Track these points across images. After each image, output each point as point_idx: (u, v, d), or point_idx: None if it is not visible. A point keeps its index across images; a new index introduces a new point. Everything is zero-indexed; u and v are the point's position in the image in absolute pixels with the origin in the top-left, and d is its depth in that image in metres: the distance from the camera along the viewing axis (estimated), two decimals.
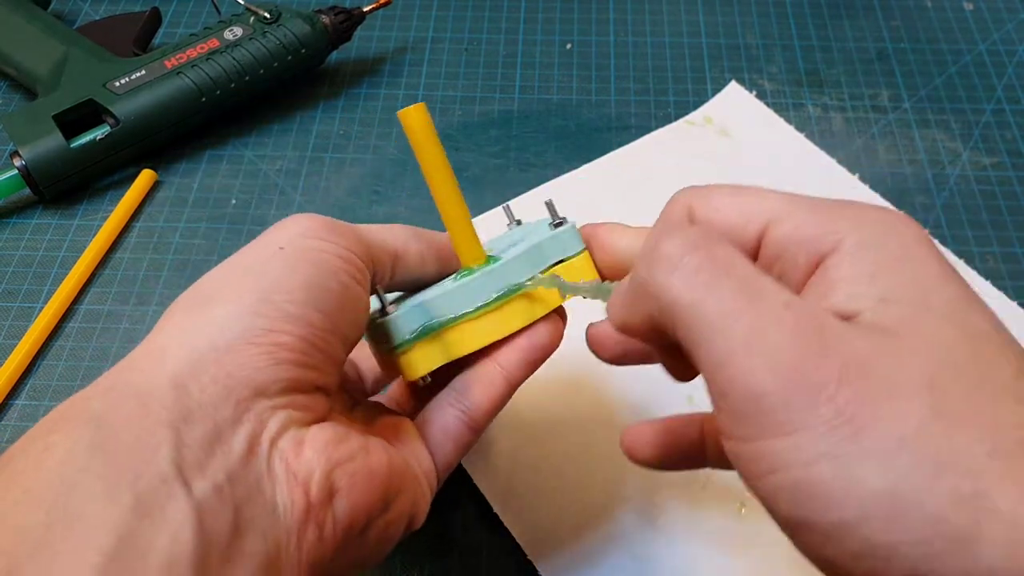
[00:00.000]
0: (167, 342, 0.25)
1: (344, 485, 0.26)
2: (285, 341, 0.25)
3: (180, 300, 0.27)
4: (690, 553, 0.38)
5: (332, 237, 0.28)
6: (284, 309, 0.26)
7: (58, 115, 0.49)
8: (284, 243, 0.27)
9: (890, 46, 0.60)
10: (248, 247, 0.28)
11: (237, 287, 0.26)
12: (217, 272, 0.27)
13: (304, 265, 0.27)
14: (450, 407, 0.31)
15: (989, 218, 0.50)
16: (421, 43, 0.60)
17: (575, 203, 0.51)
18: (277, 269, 0.27)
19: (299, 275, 0.27)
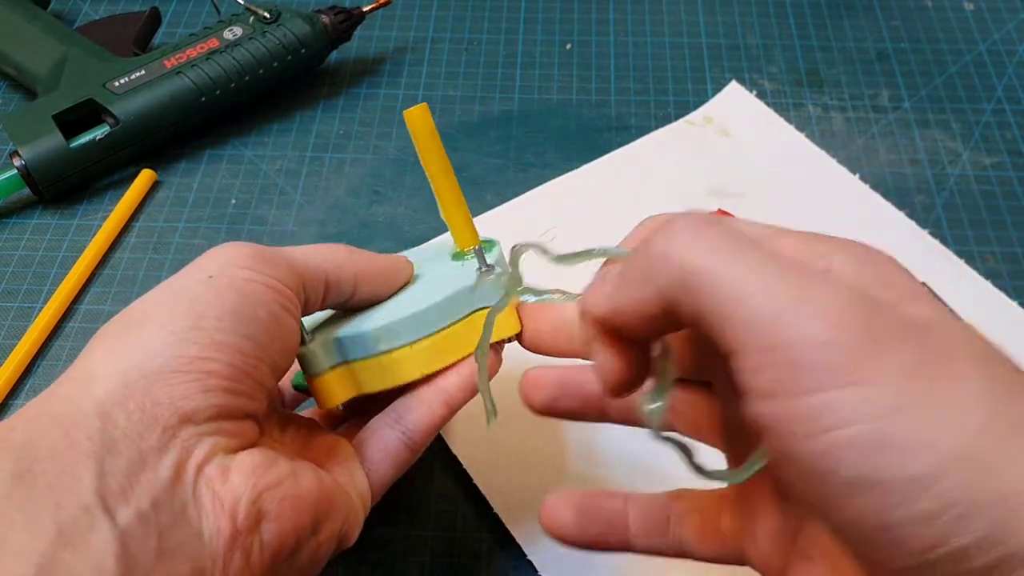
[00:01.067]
0: (95, 367, 0.25)
1: (272, 510, 0.26)
2: (214, 368, 0.26)
3: (109, 325, 0.27)
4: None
5: (261, 267, 0.28)
6: (213, 336, 0.26)
7: (58, 115, 0.49)
8: (213, 271, 0.28)
9: (890, 46, 0.60)
10: (177, 275, 0.28)
11: (166, 312, 0.26)
12: (147, 298, 0.28)
13: (232, 294, 0.27)
14: (389, 428, 0.32)
15: (989, 218, 0.50)
16: (421, 43, 0.60)
17: (575, 203, 0.51)
18: (207, 296, 0.27)
19: (228, 303, 0.27)
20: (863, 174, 0.52)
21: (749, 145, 0.53)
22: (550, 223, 0.50)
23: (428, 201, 0.51)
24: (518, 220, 0.49)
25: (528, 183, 0.52)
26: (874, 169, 0.52)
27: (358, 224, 0.50)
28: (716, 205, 0.50)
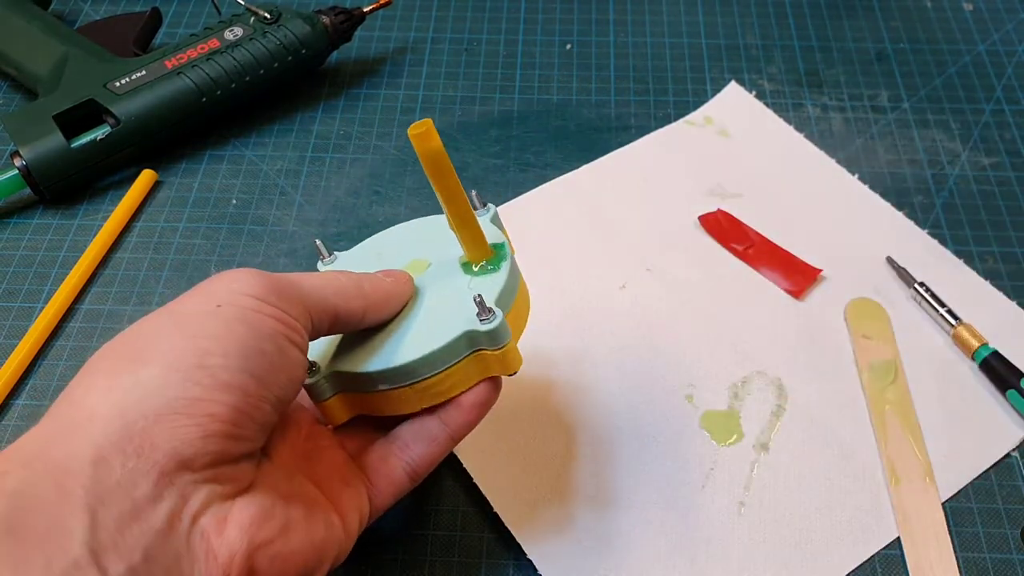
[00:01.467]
0: (95, 405, 0.24)
1: (264, 568, 0.26)
2: (216, 411, 0.25)
3: (108, 351, 0.26)
4: (689, 553, 0.38)
5: (272, 299, 0.27)
6: (218, 376, 0.25)
7: (58, 115, 0.49)
8: (223, 300, 0.27)
9: (889, 46, 0.60)
10: (185, 298, 0.27)
11: (170, 345, 0.25)
12: (150, 324, 0.27)
13: (240, 327, 0.26)
14: (395, 458, 0.33)
15: (988, 218, 0.50)
16: (421, 43, 0.60)
17: (575, 203, 0.51)
18: (213, 328, 0.26)
19: (235, 337, 0.26)
20: (862, 174, 0.52)
21: (748, 145, 0.53)
22: (550, 223, 0.50)
23: (428, 201, 0.51)
24: (518, 220, 0.49)
25: (528, 183, 0.52)
26: (873, 169, 0.52)
27: (358, 224, 0.50)
28: (716, 205, 0.50)
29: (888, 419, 0.41)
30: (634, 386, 0.43)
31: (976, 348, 0.43)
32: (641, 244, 0.49)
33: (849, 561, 0.38)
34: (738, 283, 0.47)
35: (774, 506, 0.39)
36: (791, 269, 0.47)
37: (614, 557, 0.38)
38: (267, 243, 0.49)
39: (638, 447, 0.41)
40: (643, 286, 0.47)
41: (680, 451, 0.41)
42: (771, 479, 0.40)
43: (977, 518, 0.39)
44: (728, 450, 0.41)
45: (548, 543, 0.38)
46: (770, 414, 0.42)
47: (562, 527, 0.38)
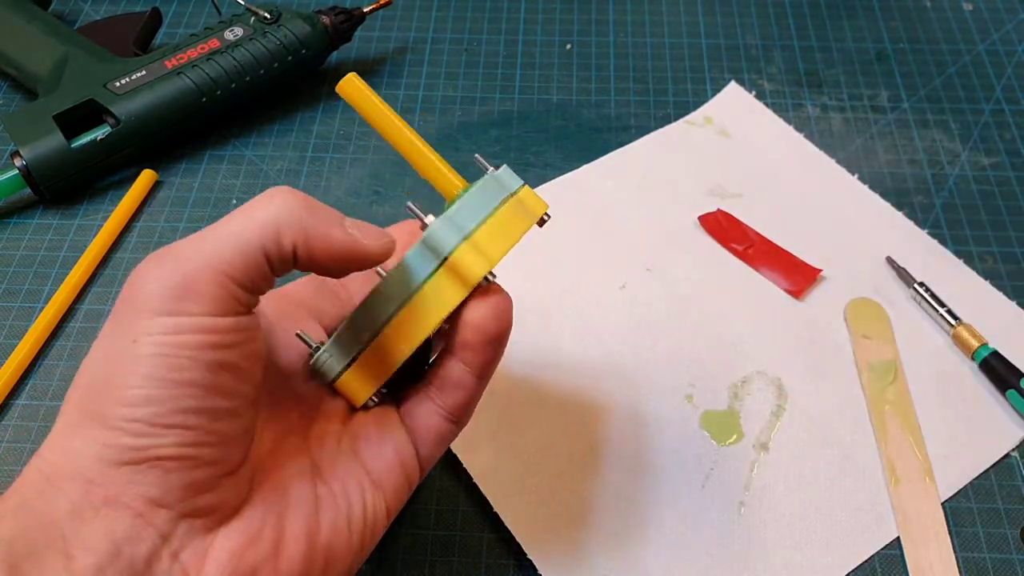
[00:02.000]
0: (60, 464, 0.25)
1: None
2: (165, 452, 0.25)
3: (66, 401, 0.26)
4: (689, 553, 0.38)
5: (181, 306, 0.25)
6: (152, 422, 0.25)
7: (58, 115, 0.49)
8: (138, 333, 0.25)
9: (889, 46, 0.60)
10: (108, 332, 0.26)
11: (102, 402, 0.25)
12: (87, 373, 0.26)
13: (158, 363, 0.25)
14: (431, 403, 0.31)
15: (988, 218, 0.50)
16: (421, 43, 0.60)
17: (575, 203, 0.51)
18: (133, 377, 0.25)
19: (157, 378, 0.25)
20: (862, 174, 0.52)
21: (748, 145, 0.53)
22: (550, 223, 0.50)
23: (428, 201, 0.51)
24: None
25: (528, 183, 0.51)
26: (873, 169, 0.52)
27: None
28: (715, 205, 0.50)
29: (888, 419, 0.42)
30: (634, 386, 0.43)
31: (976, 348, 0.43)
32: (641, 244, 0.49)
33: (849, 561, 0.38)
34: (738, 283, 0.47)
35: (774, 506, 0.39)
36: (791, 269, 0.47)
37: (614, 557, 0.38)
38: None
39: (638, 447, 0.41)
40: (643, 286, 0.47)
41: (680, 451, 0.41)
42: (771, 479, 0.40)
43: (977, 518, 0.39)
44: (728, 450, 0.41)
45: (548, 543, 0.38)
46: (770, 414, 0.42)
47: (562, 527, 0.38)
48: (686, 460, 0.41)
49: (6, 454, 0.41)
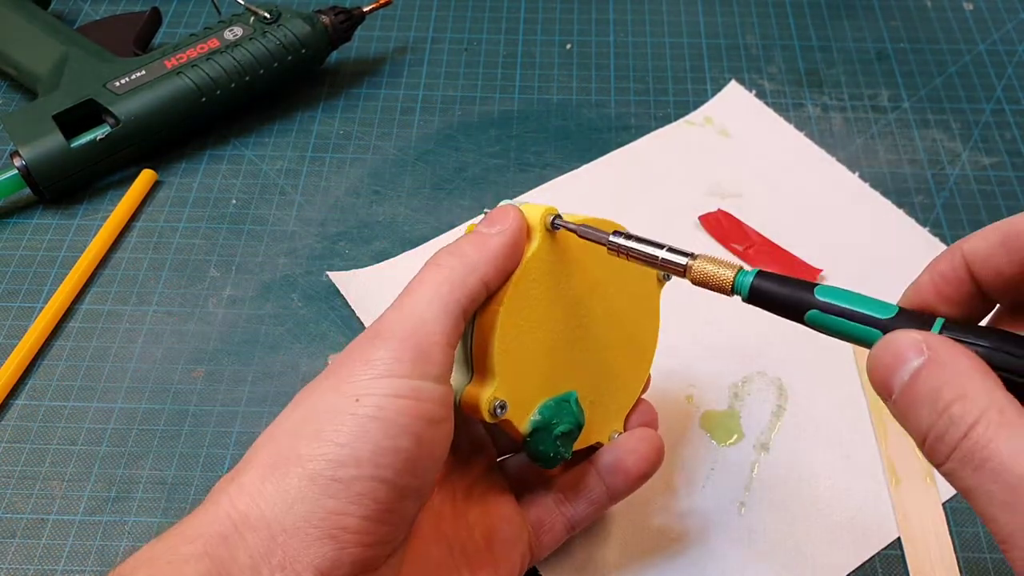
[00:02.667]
0: (248, 511, 0.26)
1: None
2: (349, 524, 0.26)
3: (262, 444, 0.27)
4: (689, 553, 0.38)
5: (405, 370, 0.27)
6: (352, 487, 0.26)
7: (58, 115, 0.49)
8: (360, 391, 0.27)
9: (890, 46, 0.60)
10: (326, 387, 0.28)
11: (310, 451, 0.26)
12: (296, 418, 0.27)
13: (375, 425, 0.26)
14: (558, 513, 0.34)
15: (988, 218, 0.50)
16: (421, 43, 0.60)
17: (575, 203, 0.51)
18: (347, 433, 0.26)
19: (369, 439, 0.26)
20: (862, 174, 0.52)
21: (749, 145, 0.53)
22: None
23: (429, 201, 0.51)
24: None
25: (528, 183, 0.52)
26: (873, 169, 0.52)
27: (358, 224, 0.50)
28: (716, 205, 0.50)
29: (888, 419, 0.41)
30: None
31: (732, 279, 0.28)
32: None
33: (849, 561, 0.38)
34: None
35: (774, 506, 0.39)
36: (791, 269, 0.47)
37: (614, 557, 0.38)
38: (267, 243, 0.49)
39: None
40: None
41: (680, 451, 0.41)
42: (771, 479, 0.40)
43: (977, 518, 0.39)
44: (728, 450, 0.41)
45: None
46: (770, 414, 0.42)
47: None
48: (686, 460, 0.41)
49: (6, 454, 0.41)
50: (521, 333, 0.31)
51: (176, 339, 0.45)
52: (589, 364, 0.34)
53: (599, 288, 0.34)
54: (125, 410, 0.43)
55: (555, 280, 0.32)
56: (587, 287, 0.33)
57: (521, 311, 0.30)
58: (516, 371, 0.31)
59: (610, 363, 0.35)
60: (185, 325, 0.46)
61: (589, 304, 0.33)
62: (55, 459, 0.41)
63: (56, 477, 0.40)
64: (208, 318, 0.46)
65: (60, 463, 0.41)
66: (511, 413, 0.31)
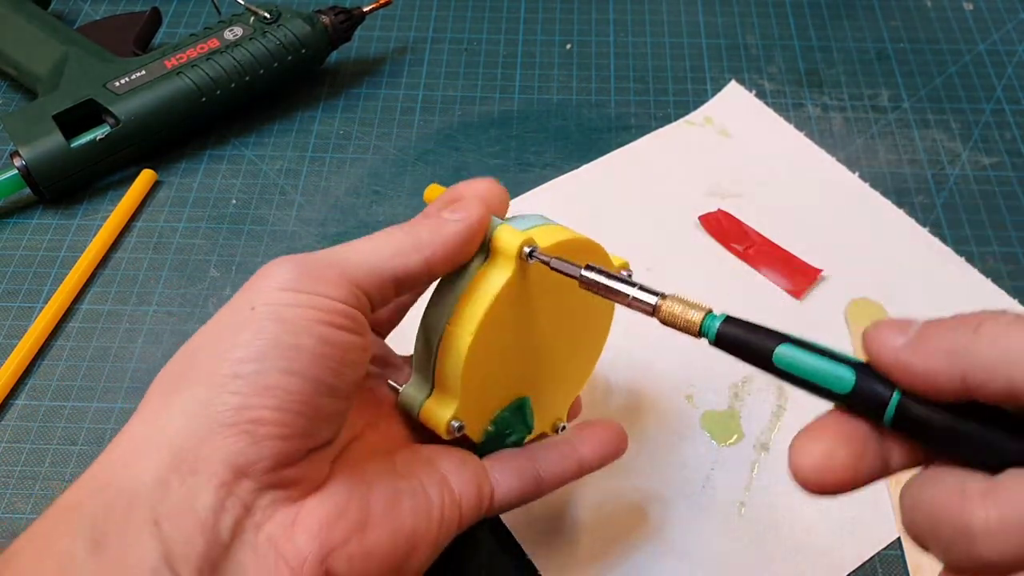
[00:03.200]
0: (150, 434, 0.25)
1: (342, 570, 0.26)
2: (261, 415, 0.25)
3: (159, 380, 0.27)
4: (689, 553, 0.38)
5: (305, 285, 0.27)
6: (256, 382, 0.25)
7: (58, 115, 0.49)
8: (256, 301, 0.26)
9: (890, 46, 0.60)
10: (225, 308, 0.28)
11: (208, 362, 0.26)
12: (194, 343, 0.27)
13: (272, 325, 0.26)
14: (524, 459, 0.32)
15: (988, 218, 0.50)
16: (421, 43, 0.60)
17: (575, 203, 0.51)
18: (247, 335, 0.26)
19: (268, 338, 0.26)
20: (862, 174, 0.52)
21: (749, 145, 0.53)
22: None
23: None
24: None
25: (528, 183, 0.52)
26: (873, 169, 0.52)
27: (358, 224, 0.50)
28: (716, 205, 0.50)
29: None
30: (634, 386, 0.43)
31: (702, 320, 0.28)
32: (641, 244, 0.49)
33: (849, 561, 0.38)
34: (738, 283, 0.47)
35: (774, 506, 0.39)
36: (791, 269, 0.47)
37: (614, 557, 0.38)
38: (267, 243, 0.49)
39: (638, 447, 0.41)
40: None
41: (680, 451, 0.41)
42: (771, 479, 0.40)
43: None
44: (728, 450, 0.41)
45: (548, 543, 0.38)
46: (770, 414, 0.42)
47: (562, 527, 0.38)
48: (686, 460, 0.41)
49: (6, 454, 0.41)
50: (487, 356, 0.31)
51: (176, 339, 0.45)
52: (543, 369, 0.35)
53: (563, 304, 0.34)
54: (125, 410, 0.43)
55: (523, 305, 0.32)
56: (552, 306, 0.34)
57: (490, 337, 0.31)
58: (477, 391, 0.31)
59: (563, 365, 0.36)
60: (185, 325, 0.46)
61: (551, 319, 0.34)
62: (55, 459, 0.41)
63: (56, 477, 0.40)
64: (208, 318, 0.46)
65: (60, 463, 0.41)
66: (468, 428, 0.32)
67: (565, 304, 0.34)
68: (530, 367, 0.34)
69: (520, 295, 0.31)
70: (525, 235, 0.31)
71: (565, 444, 0.33)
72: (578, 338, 0.37)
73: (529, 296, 0.32)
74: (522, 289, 0.31)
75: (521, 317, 0.32)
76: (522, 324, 0.32)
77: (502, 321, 0.31)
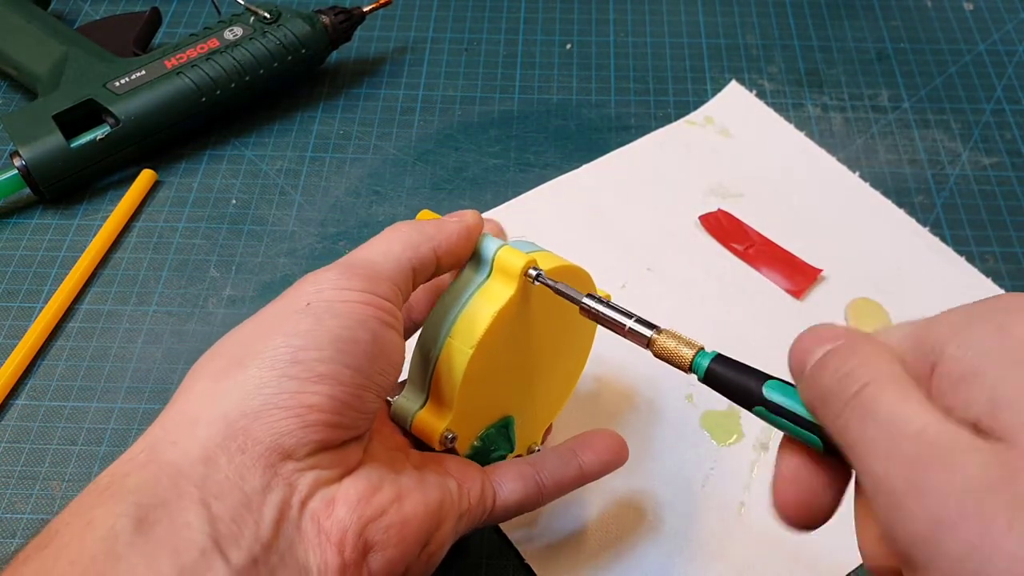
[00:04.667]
0: (199, 411, 0.26)
1: (379, 540, 0.26)
2: (315, 402, 0.26)
3: (206, 362, 0.27)
4: (689, 552, 0.38)
5: (355, 284, 0.28)
6: (314, 368, 0.26)
7: (58, 115, 0.49)
8: (310, 298, 0.28)
9: (890, 46, 0.60)
10: (273, 305, 0.28)
11: (265, 347, 0.26)
12: (244, 331, 0.28)
13: (331, 319, 0.27)
14: (527, 465, 0.33)
15: (989, 218, 0.50)
16: (421, 43, 0.60)
17: (575, 203, 0.51)
18: (305, 325, 0.27)
19: (327, 330, 0.27)
20: (862, 174, 0.52)
21: (749, 145, 0.53)
22: (550, 223, 0.50)
23: (428, 201, 0.51)
24: (518, 220, 0.49)
25: (528, 183, 0.52)
26: (873, 169, 0.52)
27: (358, 224, 0.50)
28: (716, 205, 0.50)
29: None
30: (634, 386, 0.43)
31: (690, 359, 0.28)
32: (641, 244, 0.49)
33: (849, 561, 0.38)
34: (738, 283, 0.47)
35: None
36: (791, 269, 0.47)
37: (613, 558, 0.38)
38: (267, 243, 0.49)
39: (638, 447, 0.41)
40: (643, 286, 0.47)
41: (680, 451, 0.41)
42: (771, 479, 0.40)
43: None
44: (728, 450, 0.41)
45: (547, 544, 0.38)
46: None
47: (561, 528, 0.38)
48: (686, 460, 0.41)
49: (6, 454, 0.41)
50: (484, 371, 0.32)
51: (176, 339, 0.45)
52: (528, 390, 0.36)
53: (554, 325, 0.35)
54: (125, 410, 0.43)
55: (520, 325, 0.33)
56: (542, 330, 0.34)
57: (489, 353, 0.31)
58: (470, 405, 0.32)
59: (546, 388, 0.37)
60: (185, 325, 0.46)
61: (541, 342, 0.35)
62: (55, 459, 0.41)
63: (56, 477, 0.40)
64: (208, 318, 0.46)
65: (60, 463, 0.41)
66: (458, 441, 0.32)
67: (554, 329, 0.35)
68: (518, 388, 0.35)
69: (518, 315, 0.32)
70: (529, 256, 0.31)
71: (566, 451, 0.34)
72: (560, 365, 0.38)
73: (526, 317, 0.33)
74: (521, 309, 0.32)
75: (517, 337, 0.33)
76: (517, 344, 0.33)
77: (501, 338, 0.32)
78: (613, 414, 0.42)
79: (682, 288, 0.47)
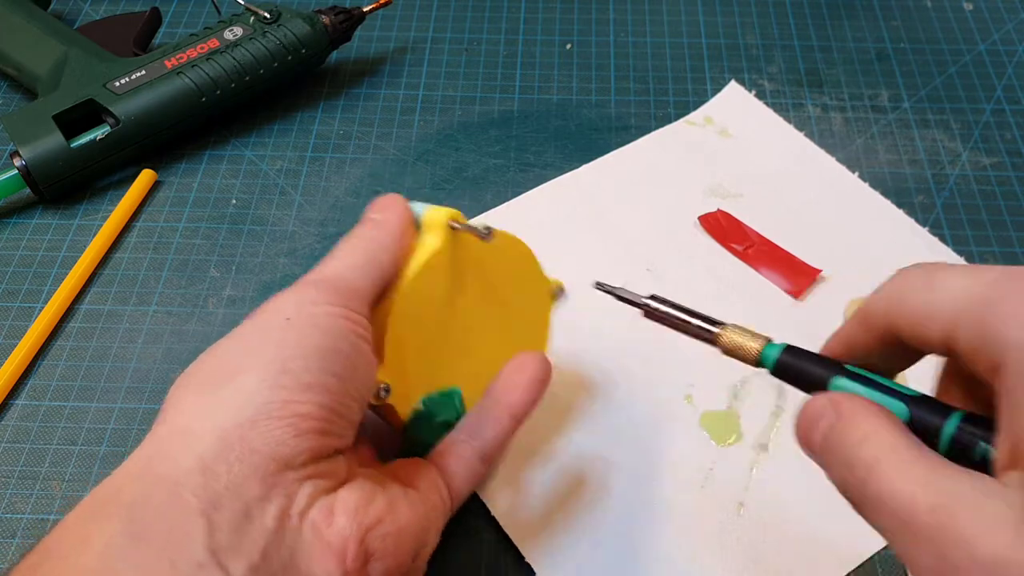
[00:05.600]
0: (191, 423, 0.26)
1: (378, 548, 0.27)
2: (306, 411, 0.26)
3: (191, 376, 0.27)
4: (688, 552, 0.38)
5: (333, 299, 0.29)
6: (301, 379, 0.26)
7: (58, 115, 0.49)
8: (290, 313, 0.28)
9: (890, 46, 0.60)
10: (253, 320, 0.28)
11: (254, 359, 0.27)
12: (226, 346, 0.28)
13: (315, 332, 0.27)
14: (464, 443, 0.33)
15: (989, 218, 0.50)
16: (421, 43, 0.60)
17: (575, 203, 0.51)
18: (290, 338, 0.27)
19: (311, 342, 0.27)
20: (862, 174, 0.52)
21: (749, 145, 0.53)
22: (550, 223, 0.50)
23: (428, 201, 0.51)
24: (518, 220, 0.49)
25: (528, 183, 0.52)
26: (873, 169, 0.52)
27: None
28: (716, 205, 0.50)
29: None
30: (633, 386, 0.43)
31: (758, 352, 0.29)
32: (641, 244, 0.49)
33: (849, 561, 0.38)
34: (737, 283, 0.47)
35: (774, 506, 0.39)
36: (791, 269, 0.47)
37: (613, 557, 0.38)
38: (267, 243, 0.49)
39: (637, 447, 0.41)
40: (643, 286, 0.47)
41: (680, 451, 0.41)
42: (771, 479, 0.40)
43: None
44: (728, 450, 0.41)
45: (546, 544, 0.38)
46: (770, 414, 0.42)
47: (560, 528, 0.38)
48: (686, 460, 0.41)
49: (6, 454, 0.41)
50: (414, 325, 0.32)
51: (176, 339, 0.45)
52: (475, 364, 0.36)
53: (495, 293, 0.36)
54: (125, 410, 0.43)
55: (453, 282, 0.33)
56: (483, 292, 0.35)
57: (417, 304, 0.32)
58: (404, 359, 0.32)
59: (497, 365, 0.37)
60: (185, 325, 0.46)
61: (483, 308, 0.35)
62: (55, 459, 0.41)
63: (56, 477, 0.40)
64: (208, 318, 0.46)
65: (60, 463, 0.41)
66: (394, 398, 0.32)
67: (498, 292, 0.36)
68: (464, 358, 0.35)
69: (455, 275, 0.33)
70: (452, 211, 0.33)
71: (493, 405, 0.34)
72: (512, 341, 0.38)
73: (466, 281, 0.34)
74: (453, 263, 0.33)
75: (451, 295, 0.34)
76: (452, 303, 0.34)
77: (431, 291, 0.32)
78: (611, 414, 0.42)
79: (681, 288, 0.47)
